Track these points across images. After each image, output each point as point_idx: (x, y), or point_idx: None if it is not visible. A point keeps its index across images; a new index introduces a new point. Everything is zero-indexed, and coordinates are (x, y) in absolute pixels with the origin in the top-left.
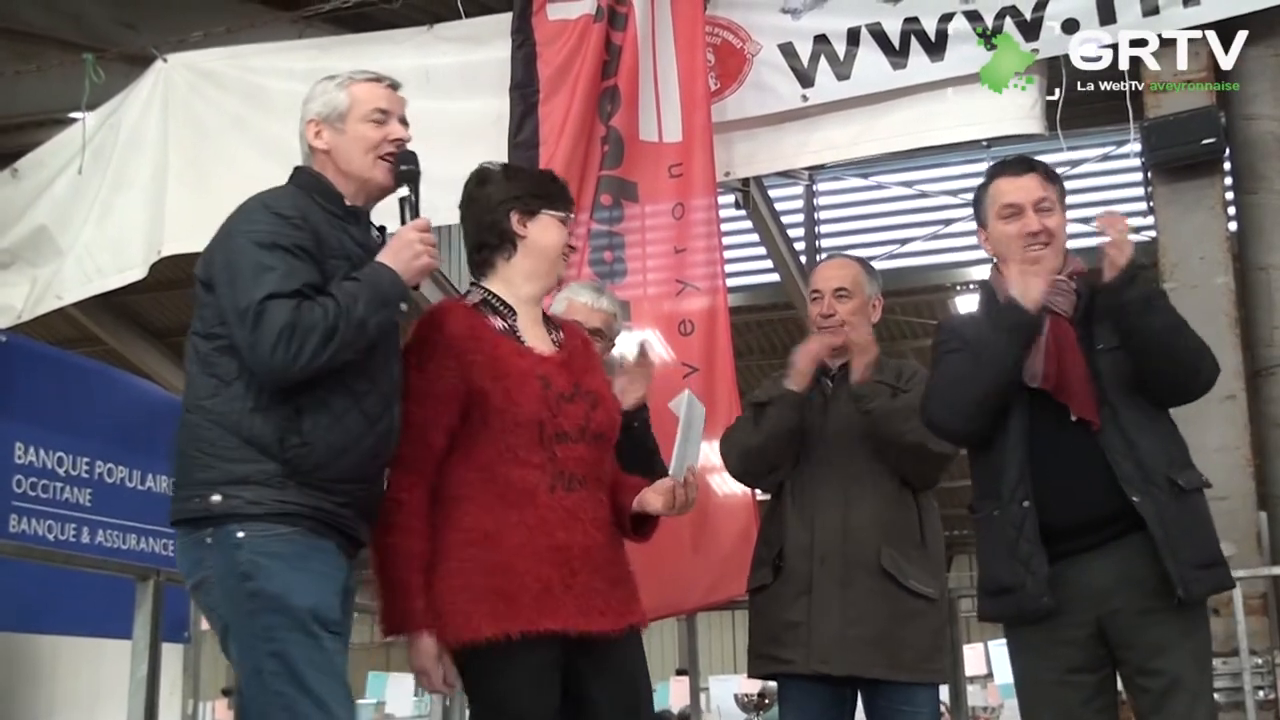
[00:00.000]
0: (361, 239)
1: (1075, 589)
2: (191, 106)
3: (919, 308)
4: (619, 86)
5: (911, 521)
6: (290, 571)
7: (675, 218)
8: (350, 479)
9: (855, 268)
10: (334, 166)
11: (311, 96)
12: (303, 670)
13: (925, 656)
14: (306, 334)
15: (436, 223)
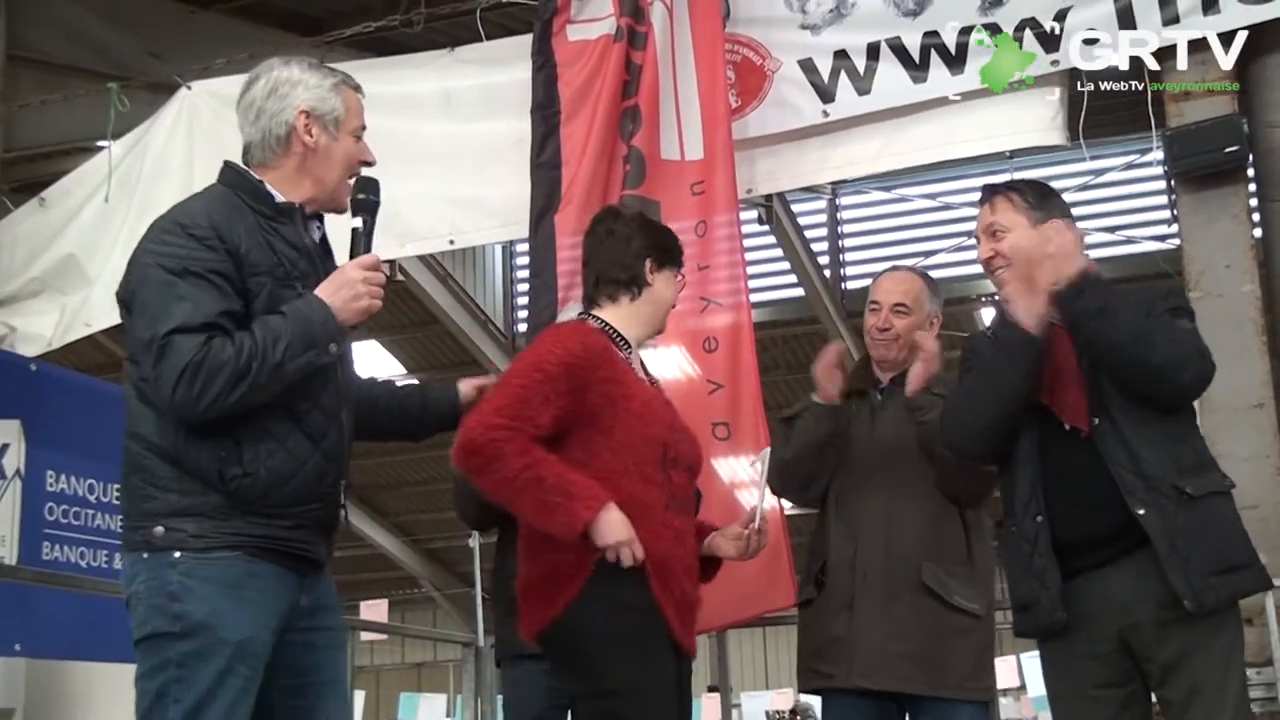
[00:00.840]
0: (294, 239)
1: (1095, 604)
2: (215, 133)
3: (944, 320)
4: (640, 106)
5: (956, 537)
6: (221, 599)
7: (698, 235)
8: (299, 502)
9: (918, 283)
10: (303, 167)
11: (291, 83)
12: (205, 704)
13: (969, 674)
14: (213, 374)
15: (462, 243)
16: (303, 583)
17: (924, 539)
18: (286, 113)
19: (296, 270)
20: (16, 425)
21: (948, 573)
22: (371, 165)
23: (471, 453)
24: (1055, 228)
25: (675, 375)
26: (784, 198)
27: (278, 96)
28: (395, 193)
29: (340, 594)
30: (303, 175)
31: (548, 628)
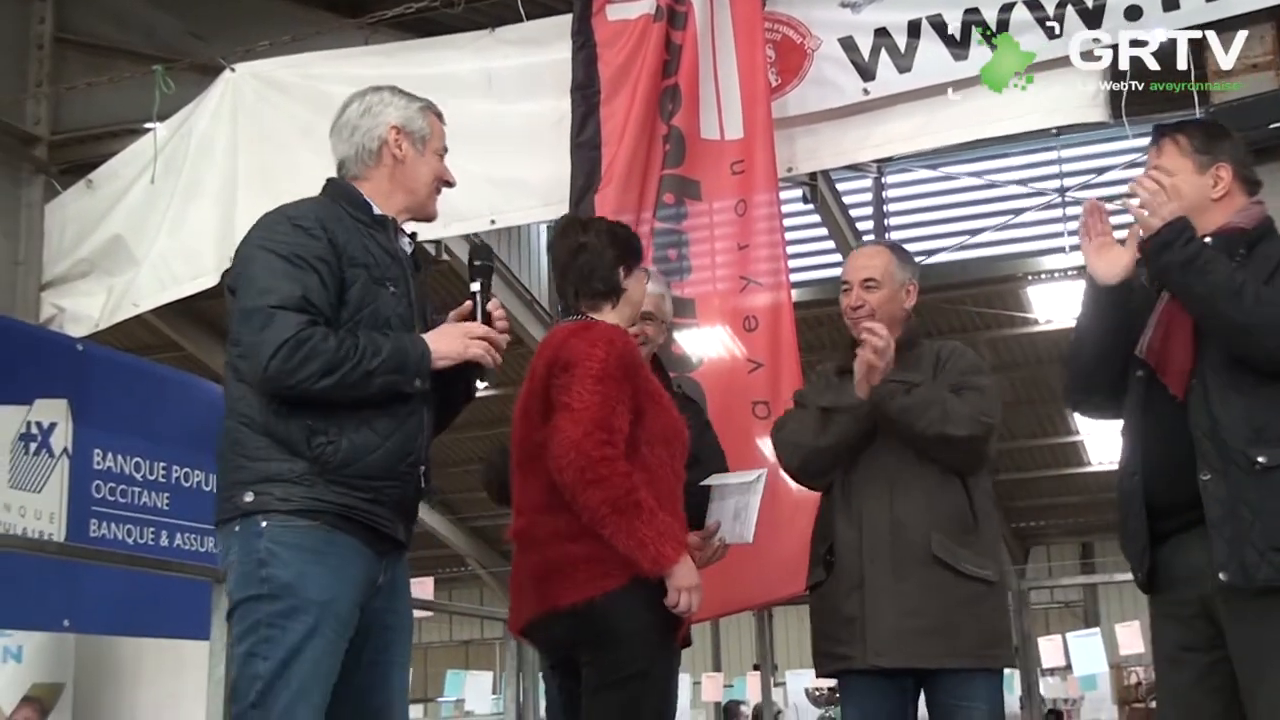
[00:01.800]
0: (386, 244)
1: (1180, 568)
2: (259, 115)
3: (989, 298)
4: (680, 85)
5: (961, 505)
6: (305, 563)
7: (738, 214)
8: (379, 476)
9: (884, 255)
10: (394, 178)
11: (384, 103)
12: (292, 660)
13: (985, 642)
14: (310, 356)
15: (503, 223)
16: (382, 562)
17: (929, 510)
18: (379, 128)
19: (389, 273)
20: (64, 404)
21: (956, 542)
22: (452, 185)
23: (581, 469)
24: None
25: (719, 354)
26: (829, 176)
27: (371, 115)
28: None
29: None
30: (394, 186)
31: (580, 606)
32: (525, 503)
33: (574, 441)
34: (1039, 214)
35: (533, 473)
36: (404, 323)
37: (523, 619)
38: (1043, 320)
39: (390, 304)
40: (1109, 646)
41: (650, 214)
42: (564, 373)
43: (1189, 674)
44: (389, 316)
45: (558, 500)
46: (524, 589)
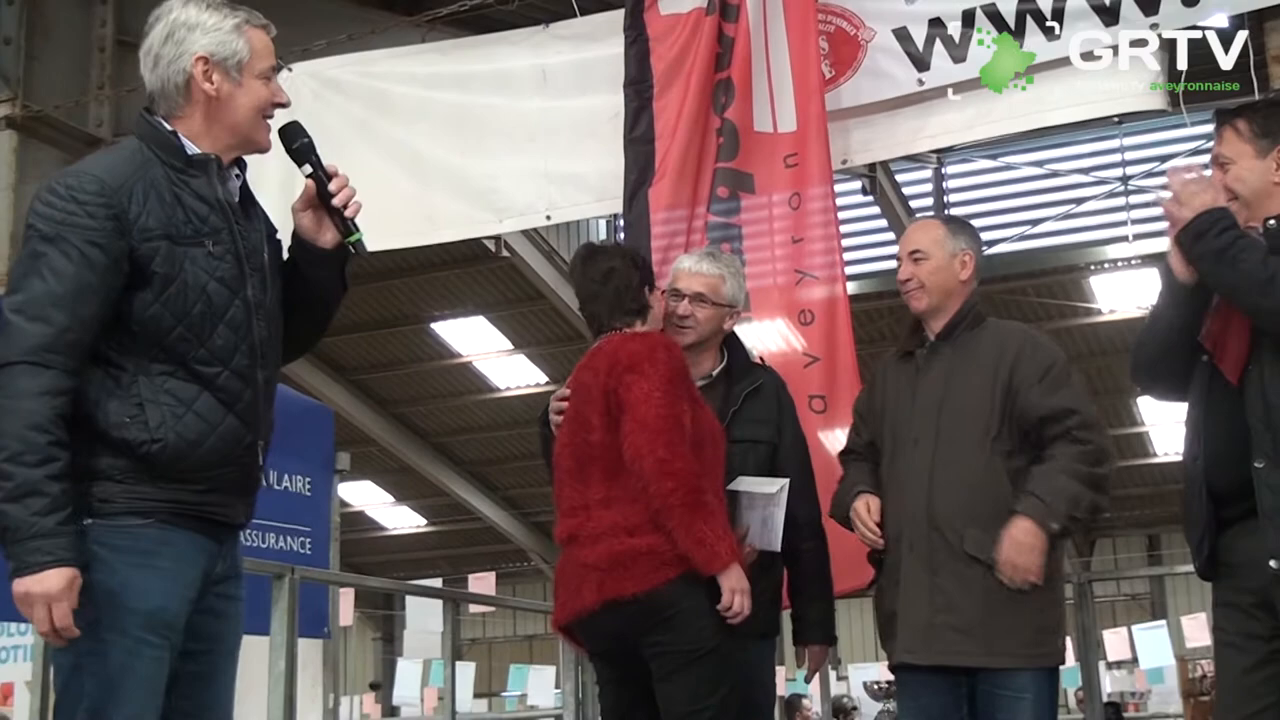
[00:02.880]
0: (205, 192)
1: (1241, 555)
2: (317, 114)
3: (1052, 289)
4: (732, 78)
5: (1004, 498)
6: (131, 569)
7: (792, 208)
8: (213, 466)
9: (934, 227)
10: (209, 115)
11: (188, 26)
12: (119, 678)
13: (1028, 640)
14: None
15: (558, 218)
16: (220, 549)
17: (969, 504)
18: (183, 59)
19: (207, 226)
20: None
21: (997, 537)
22: (286, 106)
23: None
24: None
25: (776, 348)
26: (888, 167)
27: (174, 42)
28: (492, 168)
29: (449, 566)
30: (211, 123)
31: (643, 595)
32: (578, 502)
33: (656, 432)
34: (1101, 203)
35: (589, 474)
36: (227, 285)
37: (575, 610)
38: (1106, 310)
39: (207, 266)
40: (1175, 639)
41: (704, 208)
42: (629, 372)
43: (1246, 661)
44: (206, 284)
45: (618, 494)
46: (579, 581)
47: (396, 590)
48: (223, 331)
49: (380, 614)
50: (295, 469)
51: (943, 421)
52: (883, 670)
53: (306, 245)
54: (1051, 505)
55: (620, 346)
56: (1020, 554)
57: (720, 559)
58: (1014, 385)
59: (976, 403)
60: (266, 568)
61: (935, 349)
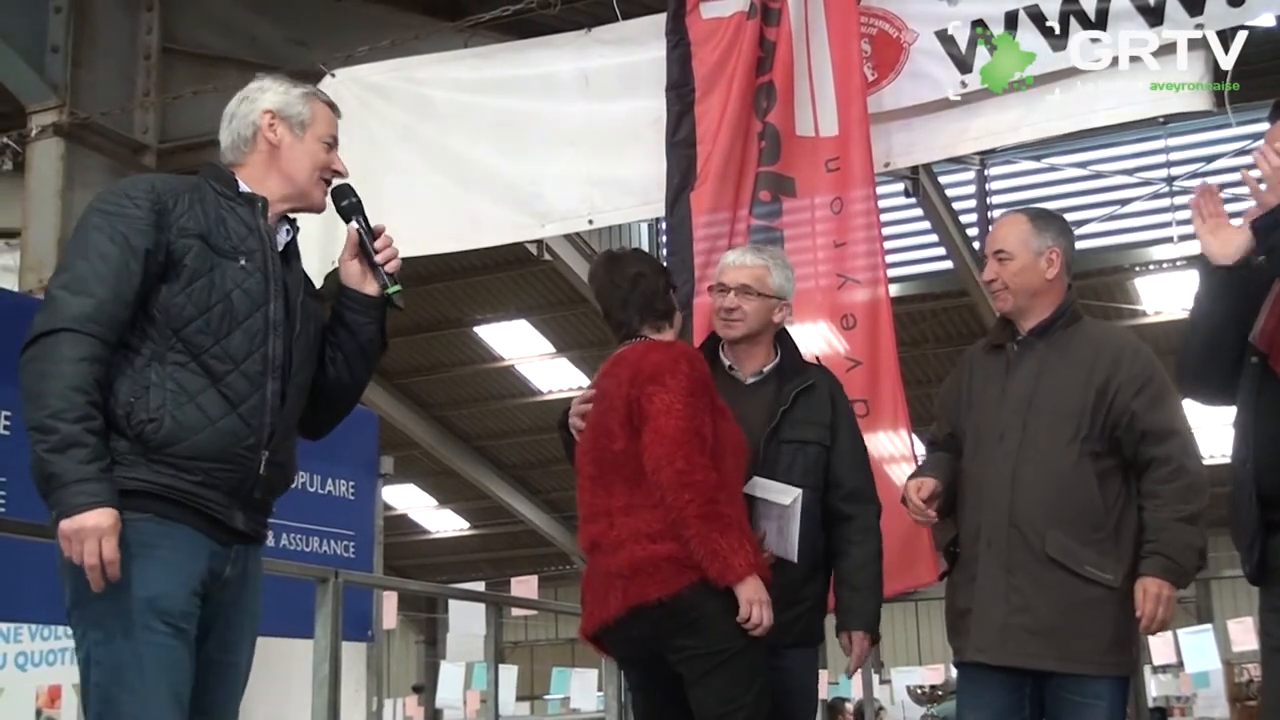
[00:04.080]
0: (248, 219)
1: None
2: (360, 120)
3: (1097, 290)
4: (774, 82)
5: (1092, 501)
6: (132, 559)
7: (834, 212)
8: (209, 458)
9: (1019, 224)
10: (269, 164)
11: (263, 88)
12: (126, 664)
13: (1104, 648)
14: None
15: (600, 222)
16: (228, 553)
17: (1053, 504)
18: (254, 114)
19: (244, 246)
20: None
21: (1080, 540)
22: (344, 176)
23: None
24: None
25: (819, 351)
26: (931, 169)
27: (248, 101)
28: (535, 173)
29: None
30: (269, 172)
31: (668, 599)
32: (600, 509)
33: (676, 443)
34: (1146, 204)
35: (611, 481)
36: (250, 297)
37: (602, 618)
38: (1151, 311)
39: (236, 276)
40: (1221, 643)
41: (746, 211)
42: (651, 383)
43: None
44: (231, 290)
45: (639, 501)
46: (604, 589)
47: (439, 594)
48: (239, 336)
49: (423, 617)
50: (339, 473)
51: (1031, 418)
52: (926, 674)
53: (350, 291)
54: (1181, 563)
55: (643, 356)
56: (1164, 609)
57: (734, 571)
58: (1110, 388)
59: (1069, 402)
60: (310, 571)
61: (1029, 345)
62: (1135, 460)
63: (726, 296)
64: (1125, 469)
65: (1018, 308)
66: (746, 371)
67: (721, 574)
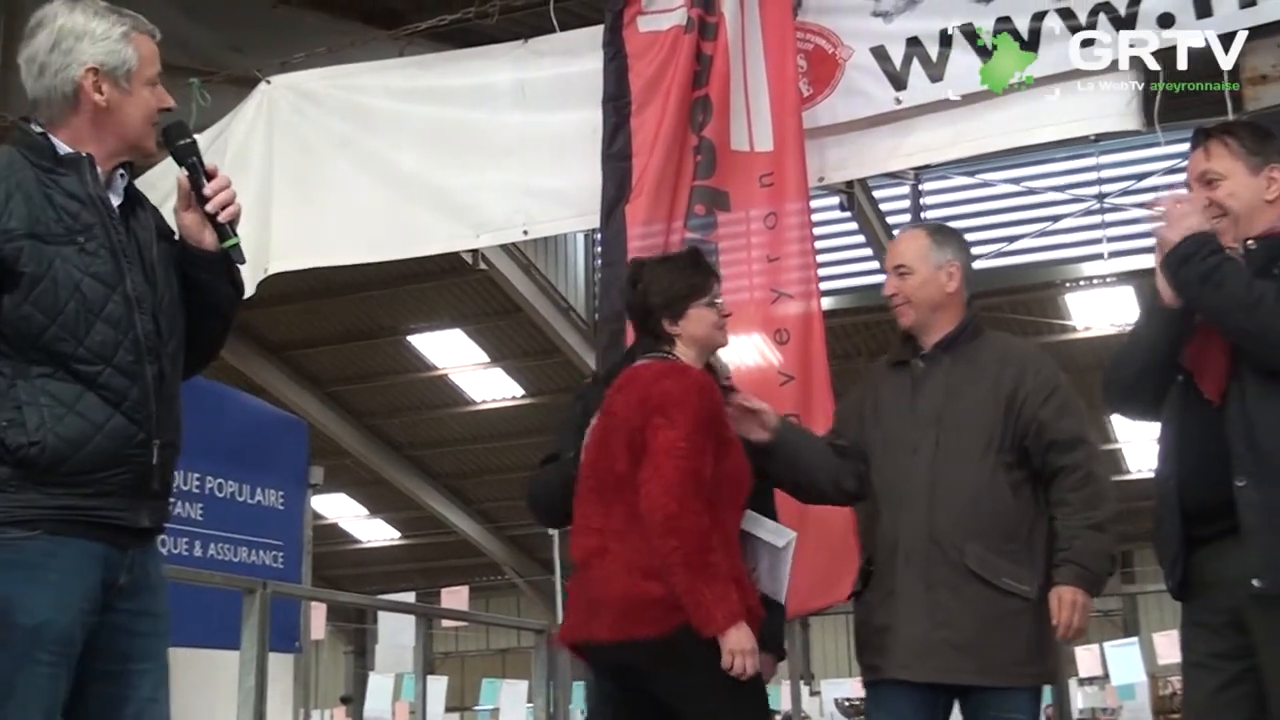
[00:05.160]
0: (75, 190)
1: (1212, 574)
2: (295, 127)
3: (1028, 306)
4: (710, 96)
5: (1008, 512)
6: (15, 584)
7: (768, 226)
8: (101, 467)
9: (918, 239)
10: (98, 123)
11: (77, 32)
12: (5, 695)
13: (1023, 659)
14: None
15: (536, 233)
16: (123, 558)
17: (971, 517)
18: (72, 69)
19: (79, 223)
20: None
21: (997, 552)
22: (171, 109)
23: (668, 517)
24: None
25: (755, 363)
26: (865, 184)
27: (61, 52)
28: (470, 183)
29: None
30: (99, 131)
31: (663, 637)
32: (595, 525)
33: (670, 485)
34: (1078, 220)
35: (610, 501)
36: (102, 281)
37: (586, 636)
38: (1081, 327)
39: (80, 263)
40: (1147, 656)
41: (681, 224)
42: (658, 414)
43: (1216, 682)
44: (79, 280)
45: (634, 530)
46: (589, 614)
47: (368, 605)
48: (101, 328)
49: (352, 628)
50: (267, 482)
51: (944, 433)
52: (855, 686)
53: (189, 247)
54: (1094, 570)
55: (654, 383)
56: (1079, 617)
57: (715, 623)
58: (1017, 399)
59: (979, 414)
60: (237, 582)
61: (934, 359)
62: (1044, 469)
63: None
64: (1035, 479)
65: (919, 323)
66: None
67: (704, 624)
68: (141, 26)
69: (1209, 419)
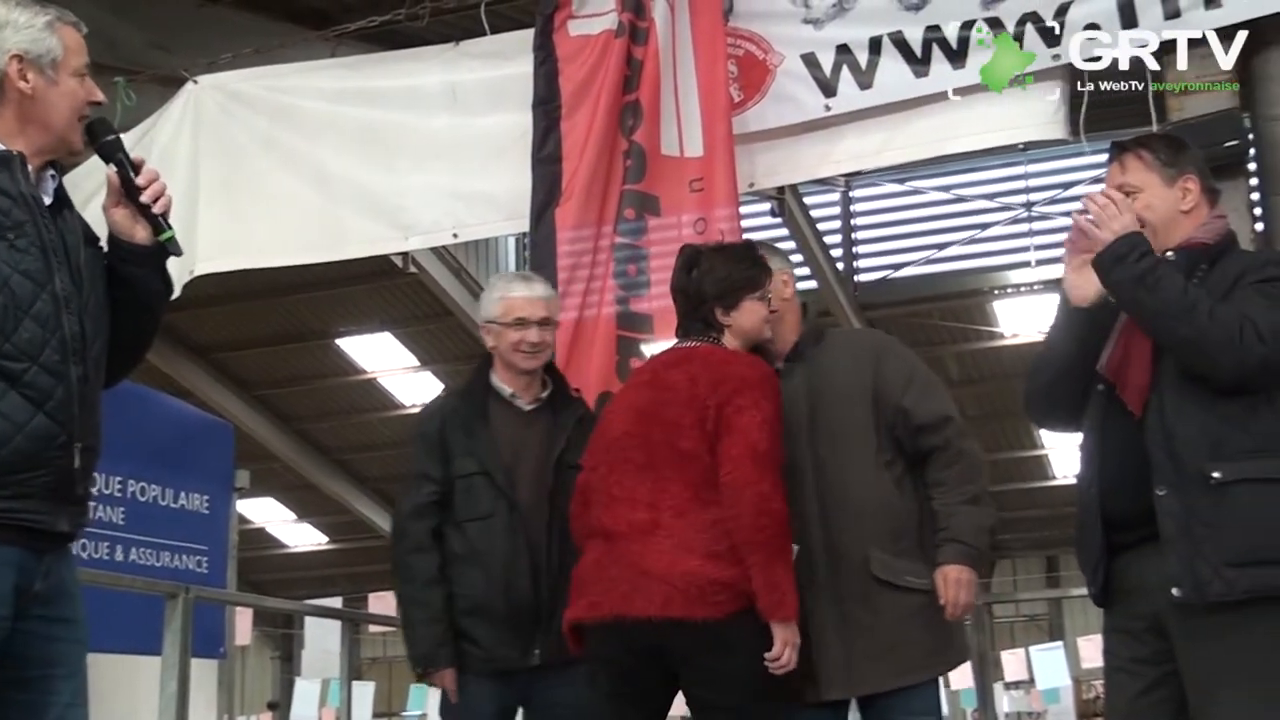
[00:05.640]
0: (7, 186)
1: (1133, 581)
2: (222, 127)
3: (956, 312)
4: (641, 101)
5: (895, 510)
6: None
7: (698, 231)
8: (21, 469)
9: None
10: (25, 114)
11: (2, 22)
12: None
13: (931, 650)
14: None
15: (465, 236)
16: (39, 563)
17: (866, 524)
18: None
19: (10, 220)
20: None
21: (895, 553)
22: (101, 104)
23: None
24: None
25: None
26: (796, 190)
27: None
28: (400, 185)
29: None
30: (25, 123)
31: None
32: (642, 498)
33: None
34: (1005, 229)
35: (666, 477)
36: (31, 278)
37: (615, 611)
38: (1009, 334)
39: (9, 259)
40: (1071, 660)
41: (611, 228)
42: (740, 395)
43: (1137, 687)
44: (9, 277)
45: (696, 510)
46: (630, 585)
47: (294, 611)
48: (29, 325)
49: (279, 633)
50: (192, 486)
51: (819, 443)
52: None
53: (121, 243)
54: (975, 545)
55: (726, 362)
56: (965, 594)
57: (785, 608)
58: (879, 390)
59: (850, 416)
60: (159, 587)
61: (788, 371)
62: (915, 453)
63: (530, 330)
64: (911, 468)
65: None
66: (527, 399)
67: (773, 609)
68: (66, 18)
69: (1130, 429)
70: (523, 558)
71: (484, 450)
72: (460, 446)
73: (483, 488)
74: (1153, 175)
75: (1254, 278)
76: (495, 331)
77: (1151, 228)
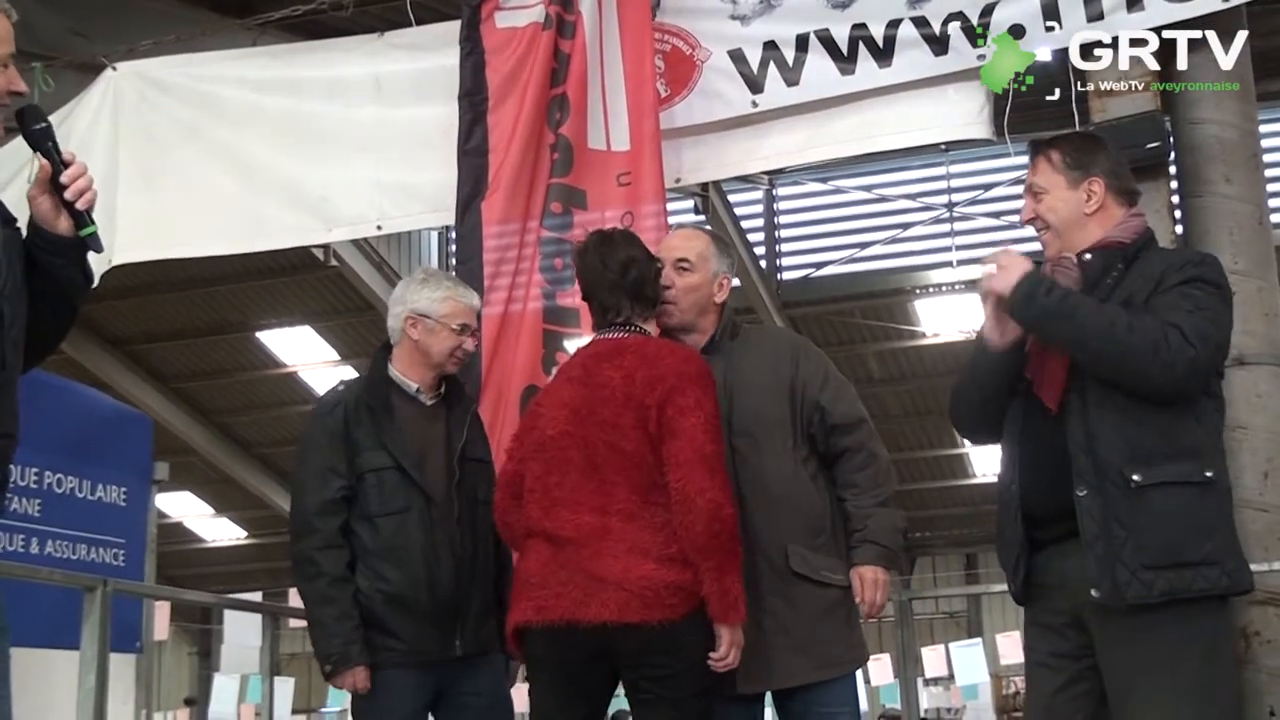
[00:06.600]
0: None
1: (1053, 577)
2: (142, 115)
3: (878, 311)
4: (568, 95)
5: (812, 505)
6: None
7: (624, 226)
8: None
9: (702, 240)
10: None
11: None
12: None
13: (848, 643)
14: None
15: (389, 228)
16: None
17: (784, 519)
18: None
19: None
20: None
21: (811, 548)
22: (23, 94)
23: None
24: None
25: None
26: (720, 188)
27: None
28: (323, 177)
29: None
30: None
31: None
32: (586, 502)
33: (712, 471)
34: (927, 228)
35: (611, 481)
36: None
37: (566, 615)
38: (930, 334)
39: None
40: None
41: (537, 222)
42: (679, 394)
43: (1057, 681)
44: None
45: (642, 513)
46: (583, 591)
47: (213, 604)
48: None
49: (197, 628)
50: (109, 478)
51: (736, 438)
52: None
53: (42, 231)
54: (889, 546)
55: (660, 356)
56: (881, 594)
57: (737, 613)
58: (796, 387)
59: (768, 412)
60: (77, 580)
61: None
62: (827, 452)
63: (469, 339)
64: (822, 464)
65: (685, 324)
66: (429, 395)
67: (724, 614)
68: None
69: (1049, 427)
70: (443, 551)
71: (395, 444)
72: (368, 440)
73: (395, 482)
74: (1058, 177)
75: (1176, 279)
76: (430, 328)
77: (1055, 229)
